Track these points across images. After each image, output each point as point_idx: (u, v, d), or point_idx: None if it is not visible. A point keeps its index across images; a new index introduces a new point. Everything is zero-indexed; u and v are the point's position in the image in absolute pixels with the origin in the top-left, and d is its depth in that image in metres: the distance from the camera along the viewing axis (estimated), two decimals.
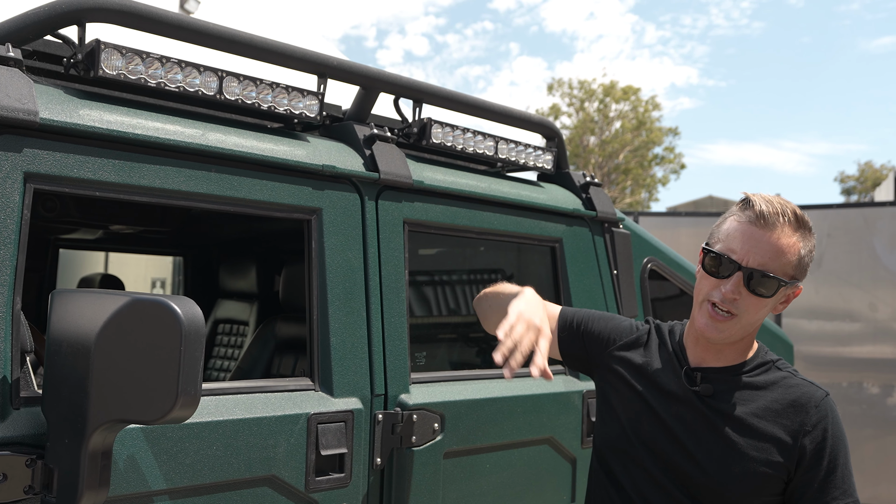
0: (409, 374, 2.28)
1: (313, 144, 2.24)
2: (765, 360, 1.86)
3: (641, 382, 1.91)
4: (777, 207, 1.72)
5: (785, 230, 1.72)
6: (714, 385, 1.82)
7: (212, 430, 1.84)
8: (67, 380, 1.53)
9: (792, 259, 1.73)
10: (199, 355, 1.48)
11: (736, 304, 1.74)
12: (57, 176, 1.72)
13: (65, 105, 1.77)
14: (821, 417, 1.75)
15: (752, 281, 1.72)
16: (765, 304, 1.75)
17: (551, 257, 2.86)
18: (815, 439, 1.74)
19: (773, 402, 1.78)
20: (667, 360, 1.91)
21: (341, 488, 2.07)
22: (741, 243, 1.73)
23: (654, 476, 1.82)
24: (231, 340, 3.96)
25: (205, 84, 2.01)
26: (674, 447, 1.81)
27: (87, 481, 1.52)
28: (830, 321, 6.92)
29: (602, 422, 1.99)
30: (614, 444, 1.91)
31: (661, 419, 1.84)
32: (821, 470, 1.73)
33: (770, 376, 1.83)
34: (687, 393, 1.83)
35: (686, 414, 1.82)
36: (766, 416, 1.77)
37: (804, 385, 1.81)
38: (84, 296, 1.55)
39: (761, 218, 1.72)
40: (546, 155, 2.92)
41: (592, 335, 2.05)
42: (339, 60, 2.32)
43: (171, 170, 1.90)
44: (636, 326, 2.05)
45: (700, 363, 1.87)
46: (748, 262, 1.72)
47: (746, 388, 1.82)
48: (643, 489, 1.84)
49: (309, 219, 2.15)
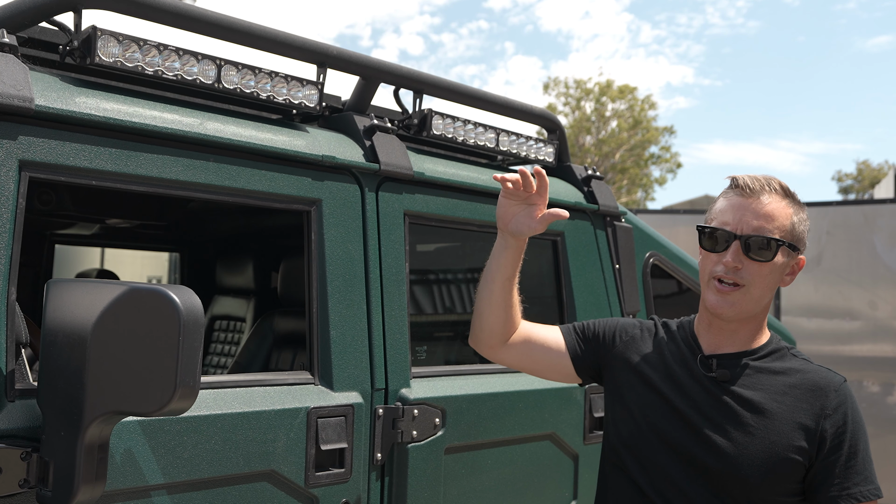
0: (409, 368, 2.26)
1: (313, 135, 2.21)
2: (779, 346, 1.86)
3: (655, 375, 1.88)
4: (762, 179, 1.80)
5: (773, 196, 1.78)
6: (731, 370, 1.81)
7: (210, 423, 1.80)
8: (63, 371, 1.50)
9: (785, 223, 1.78)
10: (198, 346, 1.45)
11: (739, 273, 1.76)
12: (52, 164, 1.69)
13: (61, 92, 1.74)
14: (841, 401, 1.74)
15: (749, 246, 1.76)
16: (769, 271, 1.77)
17: (553, 251, 2.84)
18: (836, 423, 1.72)
19: (792, 386, 1.77)
20: (677, 352, 1.89)
21: (341, 483, 2.04)
22: (732, 214, 1.79)
23: (671, 472, 1.78)
24: (228, 337, 3.92)
25: (203, 72, 1.98)
26: (691, 438, 1.77)
27: (83, 475, 1.49)
28: (830, 319, 6.90)
29: (615, 419, 1.94)
30: (628, 441, 1.87)
31: (677, 410, 1.81)
32: (842, 455, 1.71)
33: (786, 363, 1.82)
34: (703, 380, 1.81)
35: (703, 402, 1.79)
36: (786, 401, 1.75)
37: (821, 370, 1.81)
38: (80, 285, 1.52)
39: (747, 188, 1.79)
40: (547, 147, 2.90)
41: (599, 336, 2.03)
42: (338, 50, 2.29)
43: (169, 159, 1.87)
44: (642, 322, 2.03)
45: (714, 350, 1.85)
46: (743, 230, 1.77)
47: (764, 373, 1.80)
48: (660, 486, 1.79)
49: (308, 210, 2.13)
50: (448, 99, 2.63)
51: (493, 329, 2.03)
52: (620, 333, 2.01)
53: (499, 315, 2.01)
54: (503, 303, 2.00)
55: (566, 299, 2.80)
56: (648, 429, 1.83)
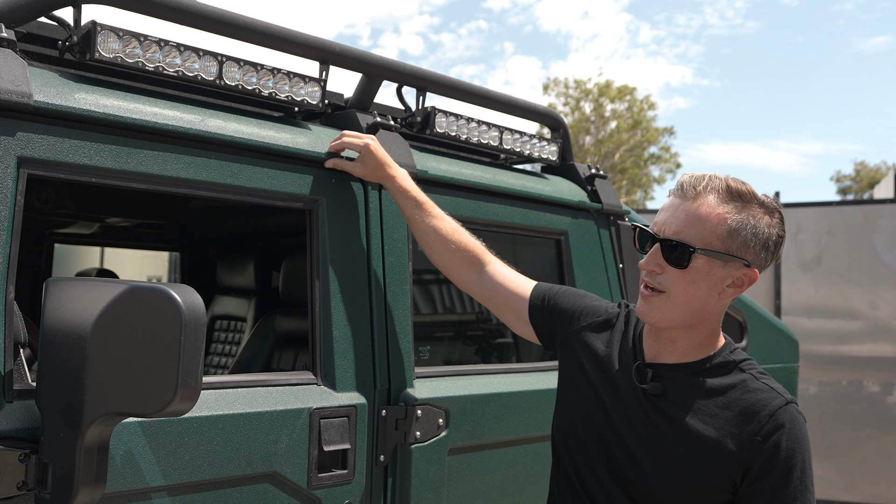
0: (413, 369, 2.23)
1: (315, 132, 2.18)
2: (727, 360, 1.71)
3: (596, 372, 1.80)
4: (703, 178, 1.65)
5: (707, 199, 1.62)
6: (664, 384, 1.70)
7: (212, 424, 1.78)
8: (62, 371, 1.47)
9: (716, 229, 1.61)
10: (200, 345, 1.42)
11: (658, 278, 1.65)
12: (51, 161, 1.66)
13: (60, 88, 1.71)
14: (774, 428, 1.59)
15: (666, 250, 1.63)
16: (691, 280, 1.62)
17: (556, 250, 2.82)
18: (765, 451, 1.58)
19: (724, 407, 1.64)
20: (624, 352, 1.80)
21: (344, 485, 2.02)
22: (664, 214, 1.67)
23: (598, 472, 1.73)
24: (229, 337, 3.90)
25: (204, 69, 1.95)
26: (617, 444, 1.71)
27: (82, 477, 1.46)
28: (830, 319, 6.89)
29: (558, 408, 1.89)
30: (565, 434, 1.83)
31: (608, 414, 1.74)
32: (768, 483, 1.58)
33: (729, 379, 1.68)
34: (636, 390, 1.72)
35: (633, 413, 1.70)
36: (715, 423, 1.63)
37: (763, 391, 1.64)
38: (80, 284, 1.49)
39: (680, 188, 1.67)
40: (551, 146, 2.87)
41: (559, 310, 1.96)
42: (341, 46, 2.26)
43: (170, 156, 1.84)
44: (607, 309, 1.93)
45: (655, 358, 1.75)
46: (664, 232, 1.65)
47: (699, 390, 1.67)
48: (586, 482, 1.75)
49: (311, 209, 2.10)
50: (451, 97, 2.61)
51: (441, 263, 2.17)
52: (580, 316, 1.92)
53: (431, 253, 2.17)
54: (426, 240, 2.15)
55: None
56: (582, 428, 1.78)
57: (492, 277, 2.11)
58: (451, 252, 2.13)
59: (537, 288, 2.05)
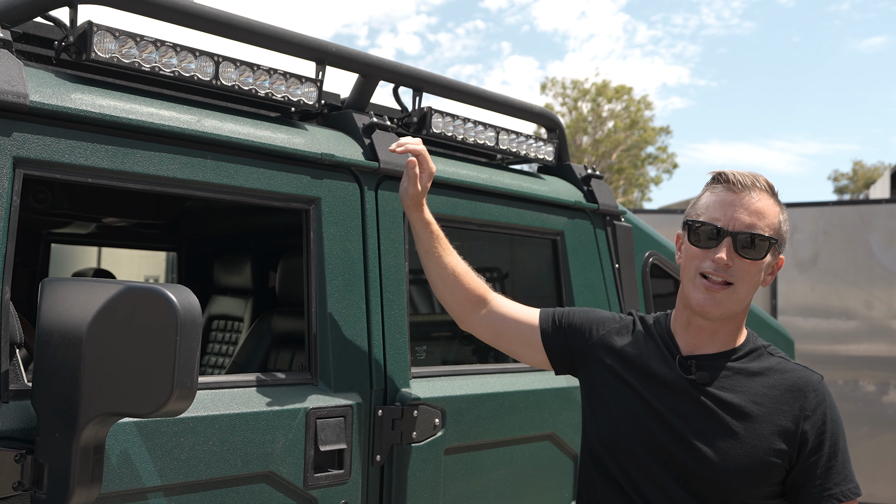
0: (409, 369, 2.23)
1: (311, 132, 2.19)
2: (756, 345, 1.82)
3: (632, 373, 1.83)
4: (750, 175, 1.76)
5: (762, 194, 1.75)
6: (710, 372, 1.76)
7: (208, 424, 1.78)
8: (58, 371, 1.47)
9: (773, 221, 1.74)
10: (196, 346, 1.42)
11: (730, 271, 1.72)
12: (47, 161, 1.66)
13: (56, 88, 1.71)
14: (819, 401, 1.72)
15: (741, 244, 1.71)
16: (757, 269, 1.74)
17: (552, 250, 2.82)
18: (815, 424, 1.70)
19: (771, 387, 1.74)
20: (656, 350, 1.84)
21: (340, 485, 2.02)
22: (723, 210, 1.73)
23: (651, 471, 1.75)
24: (226, 337, 3.89)
25: (200, 69, 1.95)
26: (672, 439, 1.74)
27: (78, 477, 1.46)
28: (826, 319, 6.90)
29: (593, 418, 1.89)
30: (608, 440, 1.83)
31: (656, 411, 1.77)
32: (822, 455, 1.69)
33: (764, 362, 1.78)
34: (682, 382, 1.77)
35: (682, 404, 1.75)
36: (766, 403, 1.72)
37: (799, 369, 1.78)
38: (76, 284, 1.49)
39: (737, 184, 1.74)
40: (547, 146, 2.88)
41: (575, 327, 1.98)
42: (337, 47, 2.26)
43: (166, 156, 1.84)
44: (620, 317, 1.98)
45: (692, 350, 1.81)
46: (734, 227, 1.72)
47: (742, 375, 1.76)
48: (640, 486, 1.76)
49: (307, 209, 2.10)
50: (448, 97, 2.61)
51: (447, 301, 2.09)
52: (597, 326, 1.96)
53: (441, 288, 2.07)
54: (438, 274, 2.06)
55: (566, 299, 2.78)
56: (627, 429, 1.79)
57: (497, 312, 2.07)
58: (464, 290, 2.06)
59: (544, 313, 2.05)
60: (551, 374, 2.59)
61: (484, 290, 2.08)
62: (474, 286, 2.07)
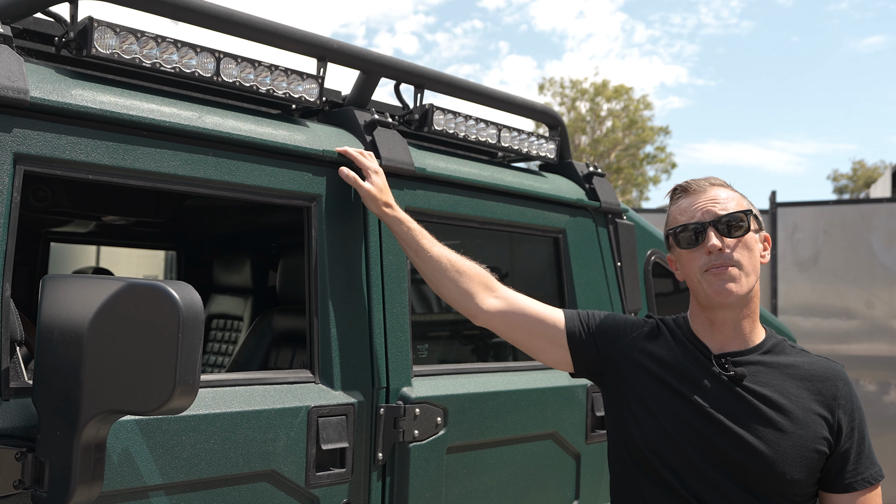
0: (411, 367, 2.22)
1: (313, 129, 2.18)
2: (777, 339, 1.87)
3: (670, 375, 1.83)
4: (703, 178, 1.89)
5: (719, 188, 1.86)
6: (745, 368, 1.79)
7: (209, 422, 1.77)
8: (59, 369, 1.46)
9: (739, 201, 1.83)
10: (198, 343, 1.41)
11: (726, 255, 1.78)
12: (48, 158, 1.65)
13: (56, 84, 1.70)
14: (848, 389, 1.79)
15: (723, 228, 1.79)
16: (750, 245, 1.80)
17: (554, 248, 2.81)
18: (847, 411, 1.76)
19: (803, 379, 1.79)
20: (686, 351, 1.85)
21: (342, 483, 2.01)
22: (692, 211, 1.83)
23: (704, 471, 1.74)
24: (226, 336, 3.88)
25: (201, 65, 1.94)
26: (723, 438, 1.74)
27: (79, 475, 1.45)
28: (827, 318, 6.90)
29: (635, 421, 1.84)
30: (654, 443, 1.80)
31: (702, 410, 1.77)
32: (854, 441, 1.75)
33: (789, 356, 1.83)
34: (720, 380, 1.79)
35: (727, 401, 1.77)
36: (801, 394, 1.77)
37: (822, 360, 1.84)
38: (76, 281, 1.48)
39: (691, 185, 1.87)
40: (549, 144, 2.87)
41: (603, 329, 1.96)
42: (339, 43, 2.25)
43: (167, 153, 1.83)
44: (646, 321, 1.98)
45: (721, 349, 1.83)
46: (709, 217, 1.81)
47: (773, 368, 1.80)
48: (694, 486, 1.75)
49: (308, 206, 2.09)
50: (449, 94, 2.60)
51: (453, 294, 2.03)
52: (626, 331, 1.94)
53: (444, 283, 2.04)
54: (435, 268, 2.03)
55: (568, 296, 2.77)
56: (675, 430, 1.78)
57: (516, 303, 2.01)
58: (467, 276, 2.02)
59: (568, 313, 2.01)
60: (554, 372, 2.58)
61: (487, 275, 2.05)
62: (476, 271, 2.04)
